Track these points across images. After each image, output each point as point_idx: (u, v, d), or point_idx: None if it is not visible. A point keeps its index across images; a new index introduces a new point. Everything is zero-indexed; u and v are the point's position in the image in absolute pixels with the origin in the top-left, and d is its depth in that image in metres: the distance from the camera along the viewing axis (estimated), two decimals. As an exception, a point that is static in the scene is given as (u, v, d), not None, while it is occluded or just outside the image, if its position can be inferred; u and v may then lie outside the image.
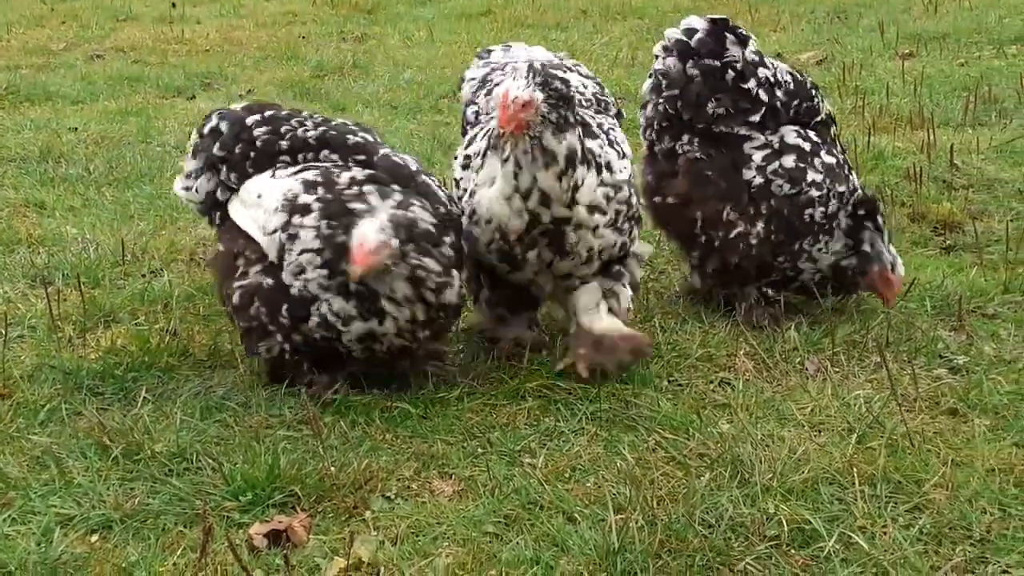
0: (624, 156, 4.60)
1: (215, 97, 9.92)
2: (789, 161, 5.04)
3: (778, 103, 5.08)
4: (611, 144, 4.56)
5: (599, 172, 4.40)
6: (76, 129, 8.67)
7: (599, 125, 4.62)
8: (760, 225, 5.02)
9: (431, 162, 7.69)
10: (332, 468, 3.99)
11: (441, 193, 4.49)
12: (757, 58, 5.07)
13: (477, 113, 5.02)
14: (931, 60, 9.85)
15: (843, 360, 4.73)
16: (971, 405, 4.39)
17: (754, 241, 5.02)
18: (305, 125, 4.69)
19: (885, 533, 3.62)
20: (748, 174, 5.04)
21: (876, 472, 3.92)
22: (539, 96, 4.18)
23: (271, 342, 4.43)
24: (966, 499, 3.78)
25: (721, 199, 5.06)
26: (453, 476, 4.04)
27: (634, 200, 4.57)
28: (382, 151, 4.63)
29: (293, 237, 4.30)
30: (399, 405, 4.44)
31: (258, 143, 4.66)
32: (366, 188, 4.35)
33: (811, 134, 5.14)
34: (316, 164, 4.57)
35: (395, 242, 4.13)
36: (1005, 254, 5.64)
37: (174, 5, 14.14)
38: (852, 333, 5.00)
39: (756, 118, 5.06)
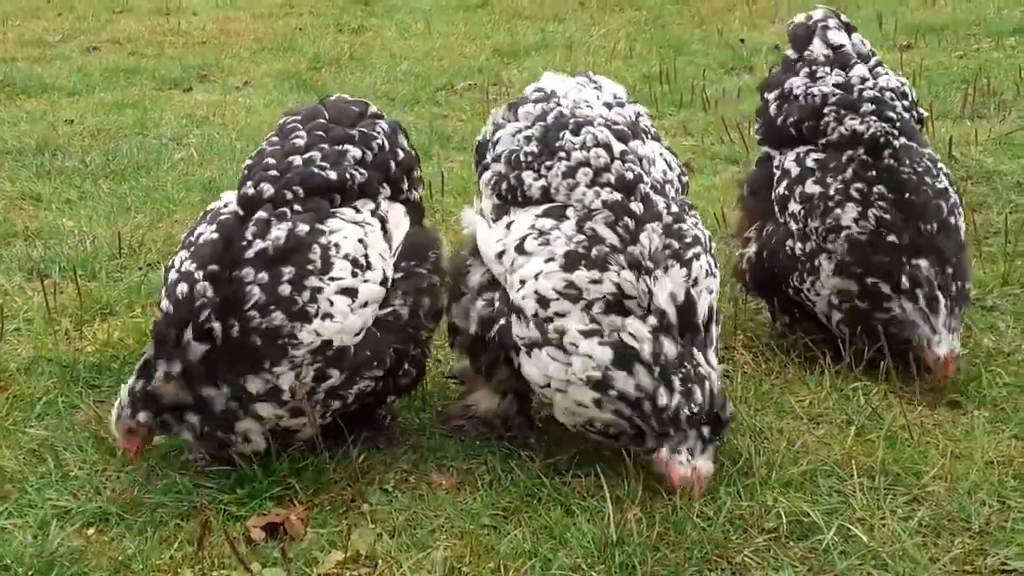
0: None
1: (212, 89, 9.91)
2: (781, 187, 4.76)
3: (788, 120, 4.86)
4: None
5: None
6: (72, 121, 8.65)
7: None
8: (752, 248, 4.86)
9: (428, 154, 7.68)
10: (329, 461, 3.98)
11: None
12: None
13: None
14: (929, 52, 9.83)
15: (842, 351, 4.72)
16: (970, 397, 4.38)
17: (744, 265, 4.88)
18: None
19: (884, 525, 3.61)
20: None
21: (875, 464, 3.91)
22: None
23: None
24: (965, 491, 3.78)
25: (752, 215, 4.95)
26: (451, 469, 4.03)
27: None
28: None
29: None
30: (397, 400, 4.43)
31: None
32: None
33: (809, 158, 4.71)
34: None
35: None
36: (1004, 246, 5.63)
37: (171, -3, 14.11)
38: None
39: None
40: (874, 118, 4.61)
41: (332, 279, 3.81)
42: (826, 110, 4.70)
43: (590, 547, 3.52)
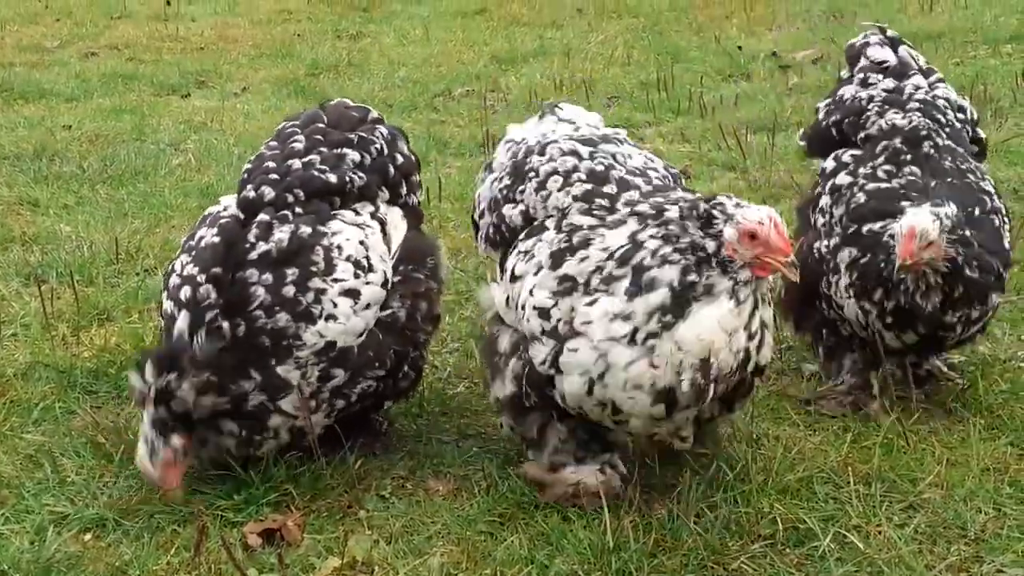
0: None
1: (210, 95, 9.91)
2: (817, 188, 4.65)
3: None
4: None
5: None
6: (70, 127, 8.65)
7: None
8: None
9: (426, 160, 7.67)
10: (326, 467, 3.98)
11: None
12: None
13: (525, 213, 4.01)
14: (927, 59, 9.82)
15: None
16: (966, 404, 4.39)
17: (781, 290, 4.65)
18: None
19: (880, 532, 3.61)
20: None
21: (871, 471, 3.91)
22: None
23: None
24: (961, 498, 3.78)
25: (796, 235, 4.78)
26: (448, 475, 4.03)
27: None
28: None
29: None
30: (394, 406, 4.43)
31: None
32: None
33: (846, 154, 4.60)
34: None
35: None
36: (1000, 253, 5.62)
37: (168, 3, 14.10)
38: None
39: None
40: (919, 114, 4.53)
41: (335, 280, 3.86)
42: (870, 106, 4.65)
43: (587, 553, 3.52)
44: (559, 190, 3.88)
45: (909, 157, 4.40)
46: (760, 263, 3.41)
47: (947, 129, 4.55)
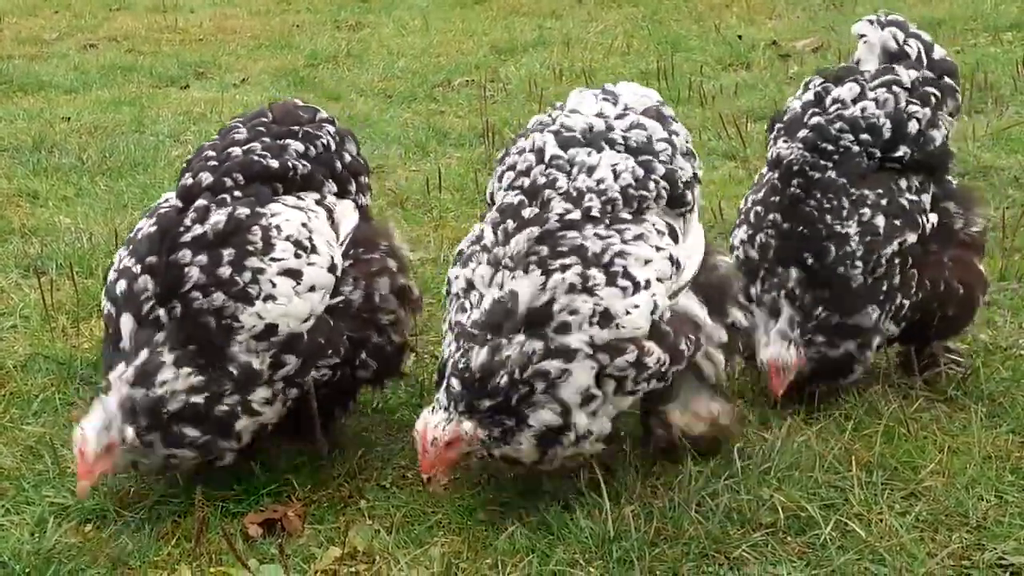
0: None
1: (209, 86, 9.90)
2: None
3: None
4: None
5: None
6: (69, 119, 8.64)
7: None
8: None
9: (425, 151, 7.69)
10: (327, 457, 3.98)
11: None
12: None
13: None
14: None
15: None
16: (967, 392, 4.38)
17: None
18: None
19: (881, 520, 3.61)
20: None
21: (872, 459, 3.91)
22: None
23: None
24: (962, 486, 3.77)
25: None
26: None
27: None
28: None
29: None
30: (394, 395, 4.43)
31: None
32: None
33: (761, 172, 4.59)
34: None
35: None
36: (1001, 241, 5.62)
37: (167, -6, 14.09)
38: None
39: None
40: (800, 145, 4.32)
41: (274, 260, 3.74)
42: (776, 127, 4.56)
43: (588, 542, 3.52)
44: (507, 189, 3.78)
45: (775, 200, 4.31)
46: None
47: (835, 157, 4.32)
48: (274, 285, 3.69)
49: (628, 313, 3.52)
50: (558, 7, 12.66)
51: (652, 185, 3.76)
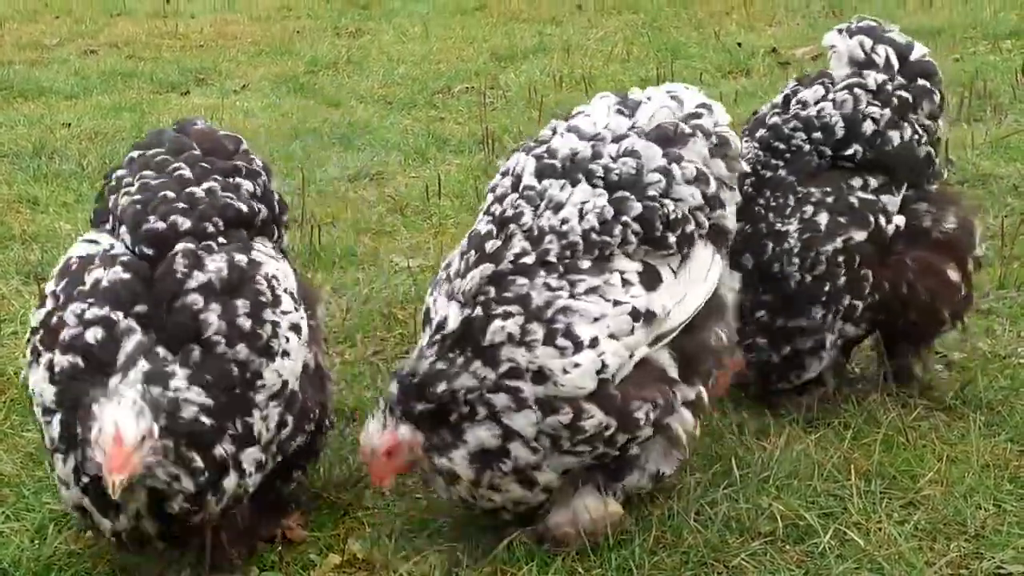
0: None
1: (209, 92, 9.91)
2: None
3: None
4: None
5: None
6: (70, 125, 8.65)
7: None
8: None
9: (425, 158, 7.70)
10: (327, 464, 3.99)
11: None
12: None
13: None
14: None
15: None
16: (966, 401, 4.39)
17: None
18: None
19: (880, 529, 3.62)
20: None
21: (871, 468, 3.92)
22: None
23: None
24: (961, 495, 3.78)
25: None
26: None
27: None
28: None
29: None
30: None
31: None
32: None
33: None
34: None
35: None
36: (1000, 250, 5.63)
37: (168, 0, 14.10)
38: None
39: None
40: (756, 145, 4.36)
41: (284, 312, 3.43)
42: (744, 129, 4.53)
43: (587, 551, 3.52)
44: (483, 213, 3.69)
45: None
46: None
47: (787, 156, 4.33)
48: (287, 340, 3.40)
49: (566, 372, 3.31)
50: (558, 14, 12.68)
51: (618, 229, 3.49)
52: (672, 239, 3.56)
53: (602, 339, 3.35)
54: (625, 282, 3.46)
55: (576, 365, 3.31)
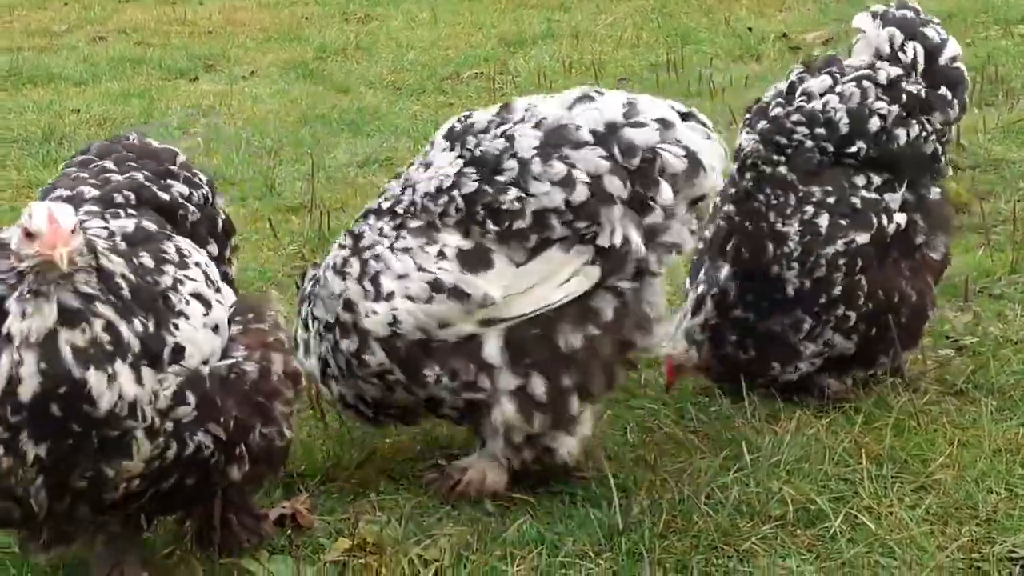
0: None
1: (218, 79, 9.90)
2: None
3: None
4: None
5: None
6: (79, 111, 8.65)
7: None
8: None
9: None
10: (337, 449, 3.98)
11: None
12: None
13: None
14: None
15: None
16: (977, 385, 4.37)
17: None
18: None
19: (891, 513, 3.60)
20: None
21: (882, 452, 3.90)
22: None
23: None
24: (972, 479, 3.77)
25: None
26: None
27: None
28: None
29: None
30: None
31: None
32: None
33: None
34: None
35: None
36: (1012, 235, 5.61)
37: (177, -14, 14.09)
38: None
39: None
40: (756, 138, 4.25)
41: (188, 279, 3.12)
42: (746, 115, 4.42)
43: (597, 534, 3.52)
44: None
45: (731, 191, 4.25)
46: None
47: (788, 151, 4.22)
48: (187, 303, 3.06)
49: (366, 315, 3.61)
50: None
51: (442, 201, 3.59)
52: (521, 230, 3.56)
53: (398, 296, 3.58)
54: (440, 254, 3.59)
55: (375, 312, 3.60)
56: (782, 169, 4.22)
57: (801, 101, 4.26)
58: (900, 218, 4.26)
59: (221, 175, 6.74)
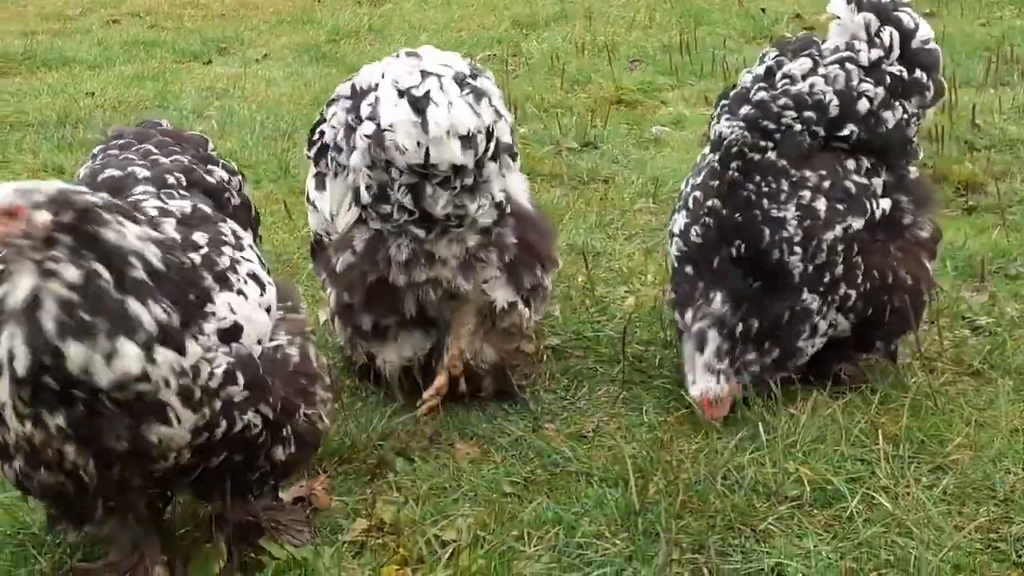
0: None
1: (231, 62, 9.90)
2: None
3: None
4: None
5: None
6: (93, 94, 8.67)
7: None
8: None
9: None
10: (354, 430, 4.00)
11: None
12: None
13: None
14: (952, 20, 9.74)
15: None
16: (994, 366, 4.36)
17: None
18: None
19: (908, 493, 3.61)
20: None
21: (899, 432, 3.90)
22: None
23: None
24: (990, 459, 3.77)
25: None
26: (473, 437, 4.04)
27: None
28: None
29: None
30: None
31: None
32: None
33: (701, 155, 4.38)
34: None
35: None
36: (1027, 214, 5.60)
37: (189, -30, 14.07)
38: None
39: None
40: (741, 124, 4.11)
41: (245, 259, 3.17)
42: (721, 102, 4.30)
43: (613, 515, 3.53)
44: None
45: (714, 185, 4.09)
46: None
47: (776, 136, 4.10)
48: (245, 282, 3.11)
49: None
50: (580, -19, 12.58)
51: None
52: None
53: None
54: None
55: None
56: (771, 155, 4.09)
57: (785, 84, 4.15)
58: (885, 203, 4.18)
59: (236, 158, 6.74)
